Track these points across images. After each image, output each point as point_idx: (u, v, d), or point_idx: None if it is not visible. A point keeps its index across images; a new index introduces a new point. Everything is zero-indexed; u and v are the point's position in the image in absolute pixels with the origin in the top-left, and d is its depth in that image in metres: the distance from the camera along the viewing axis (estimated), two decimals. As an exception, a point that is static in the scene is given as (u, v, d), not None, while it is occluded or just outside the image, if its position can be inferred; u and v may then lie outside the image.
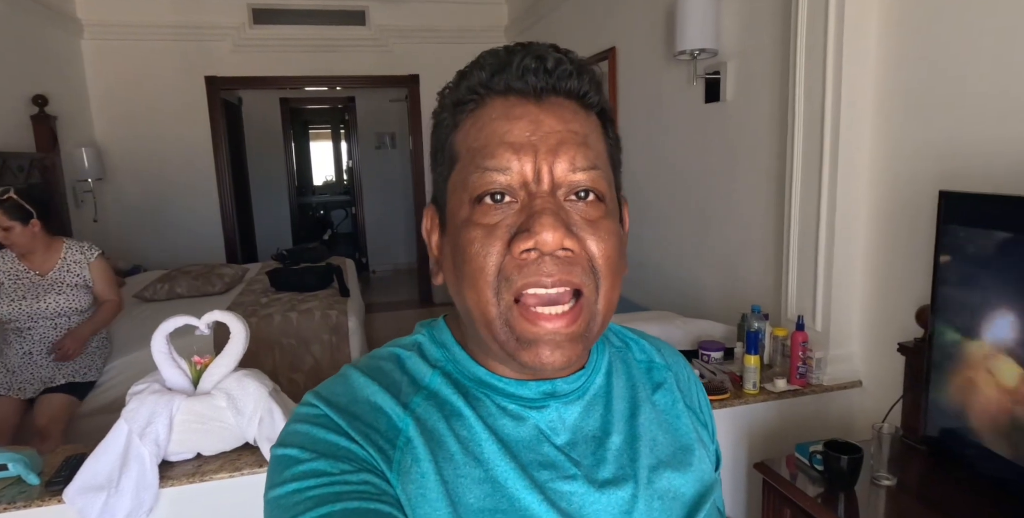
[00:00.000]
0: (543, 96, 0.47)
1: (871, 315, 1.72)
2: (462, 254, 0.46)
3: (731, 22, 2.21)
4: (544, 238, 0.43)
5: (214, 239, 4.79)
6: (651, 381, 0.59)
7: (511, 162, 0.45)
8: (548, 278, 0.44)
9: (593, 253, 0.46)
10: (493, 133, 0.46)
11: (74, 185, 3.96)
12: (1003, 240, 1.21)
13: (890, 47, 1.59)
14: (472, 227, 0.46)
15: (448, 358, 0.53)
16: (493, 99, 0.48)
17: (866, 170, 1.68)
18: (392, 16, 4.80)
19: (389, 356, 0.53)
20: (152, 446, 1.34)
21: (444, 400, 0.50)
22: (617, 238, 0.47)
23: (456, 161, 0.49)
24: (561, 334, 0.45)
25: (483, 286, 0.45)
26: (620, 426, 0.53)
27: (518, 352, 0.45)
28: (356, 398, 0.49)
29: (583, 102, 0.49)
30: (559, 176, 0.45)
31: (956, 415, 1.35)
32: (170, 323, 1.44)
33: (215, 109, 4.60)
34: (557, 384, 0.52)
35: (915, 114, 1.54)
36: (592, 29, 3.41)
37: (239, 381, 1.43)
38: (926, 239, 1.52)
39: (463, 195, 0.47)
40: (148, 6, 4.30)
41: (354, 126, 6.88)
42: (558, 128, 0.46)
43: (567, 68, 0.47)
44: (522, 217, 0.45)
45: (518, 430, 0.50)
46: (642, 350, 0.62)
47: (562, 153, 0.45)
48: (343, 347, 2.55)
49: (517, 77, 0.46)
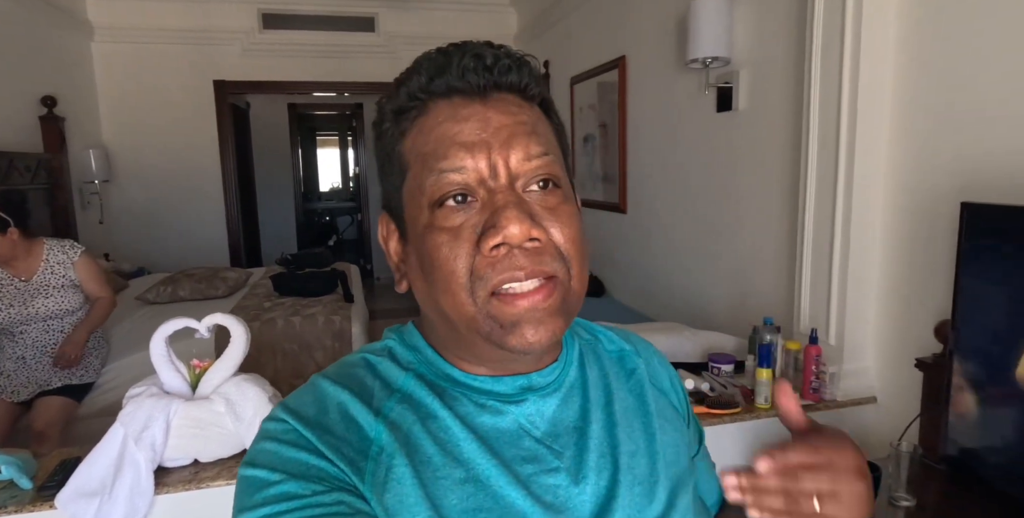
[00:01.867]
0: (487, 93, 0.47)
1: (887, 329, 1.68)
2: (430, 260, 0.46)
3: (744, 30, 2.19)
4: (511, 232, 0.43)
5: (219, 243, 4.77)
6: (623, 369, 0.60)
7: (465, 161, 0.45)
8: (520, 271, 0.44)
9: (559, 240, 0.46)
10: (443, 135, 0.46)
11: (81, 186, 3.96)
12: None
13: (909, 55, 1.56)
14: (436, 232, 0.45)
15: (420, 360, 0.52)
16: (436, 102, 0.47)
17: (883, 180, 1.64)
18: (401, 23, 4.81)
19: (360, 362, 0.53)
20: (148, 451, 1.30)
21: (419, 402, 0.49)
22: (578, 221, 0.48)
23: (408, 169, 0.48)
24: (539, 309, 0.44)
25: (456, 289, 0.45)
26: (598, 414, 0.53)
27: (504, 338, 0.45)
28: (326, 408, 0.48)
29: (525, 94, 0.49)
30: (515, 167, 0.46)
31: (977, 434, 1.31)
32: (170, 325, 1.41)
33: (223, 113, 4.60)
34: (532, 378, 0.51)
35: (935, 124, 1.51)
36: (602, 37, 3.40)
37: (238, 386, 1.40)
38: (945, 251, 1.48)
39: (421, 200, 0.47)
40: (158, 9, 4.32)
41: (361, 132, 6.89)
42: (507, 122, 0.46)
43: (506, 63, 0.47)
44: (485, 215, 0.45)
45: (498, 425, 0.49)
46: (610, 340, 0.62)
47: (515, 145, 0.46)
48: (346, 353, 2.51)
49: (458, 77, 0.46)
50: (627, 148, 3.19)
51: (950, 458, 1.35)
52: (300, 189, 7.32)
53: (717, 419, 1.58)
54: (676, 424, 0.59)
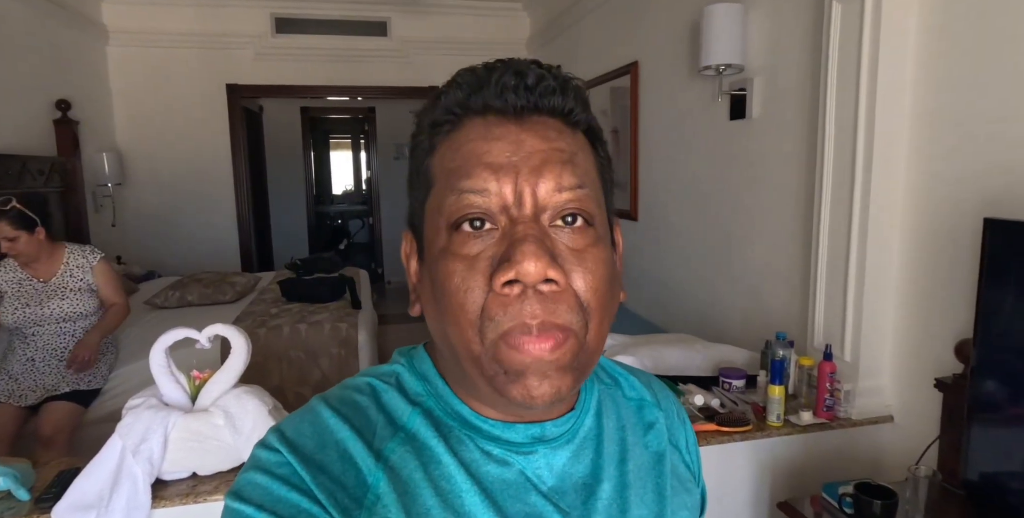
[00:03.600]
0: (524, 115, 0.44)
1: (904, 347, 1.63)
2: (441, 288, 0.42)
3: (758, 37, 2.15)
4: (526, 269, 0.39)
5: (230, 246, 4.79)
6: (642, 421, 0.55)
7: (489, 183, 0.42)
8: (533, 321, 0.40)
9: (579, 287, 0.41)
10: (471, 154, 0.43)
11: (94, 190, 3.98)
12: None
13: (929, 66, 1.51)
14: (451, 258, 0.42)
15: (429, 392, 0.49)
16: (471, 119, 0.44)
17: (901, 193, 1.59)
18: (414, 28, 4.80)
19: (365, 388, 0.49)
20: (146, 464, 1.28)
21: (423, 445, 0.46)
22: (607, 267, 0.43)
23: (432, 185, 0.45)
24: (546, 362, 0.40)
25: (465, 325, 0.41)
26: (611, 472, 0.49)
27: (506, 387, 0.41)
28: (324, 443, 0.44)
29: (568, 120, 0.45)
30: (543, 198, 0.42)
31: (1000, 459, 1.26)
32: (170, 336, 1.40)
33: (235, 117, 4.62)
34: (546, 427, 0.48)
35: (956, 137, 1.46)
36: (615, 43, 3.37)
37: (238, 398, 1.38)
38: (966, 268, 1.43)
39: (439, 221, 0.44)
40: (172, 14, 4.35)
41: (374, 136, 6.90)
42: (541, 147, 0.43)
43: (549, 84, 0.44)
44: (503, 246, 0.41)
45: (504, 476, 0.45)
46: (632, 387, 0.57)
47: (546, 172, 0.42)
48: (352, 361, 2.49)
49: (496, 95, 0.43)
50: (639, 155, 3.15)
51: (971, 483, 1.30)
52: (312, 192, 7.34)
53: (727, 437, 1.54)
54: (688, 486, 0.55)
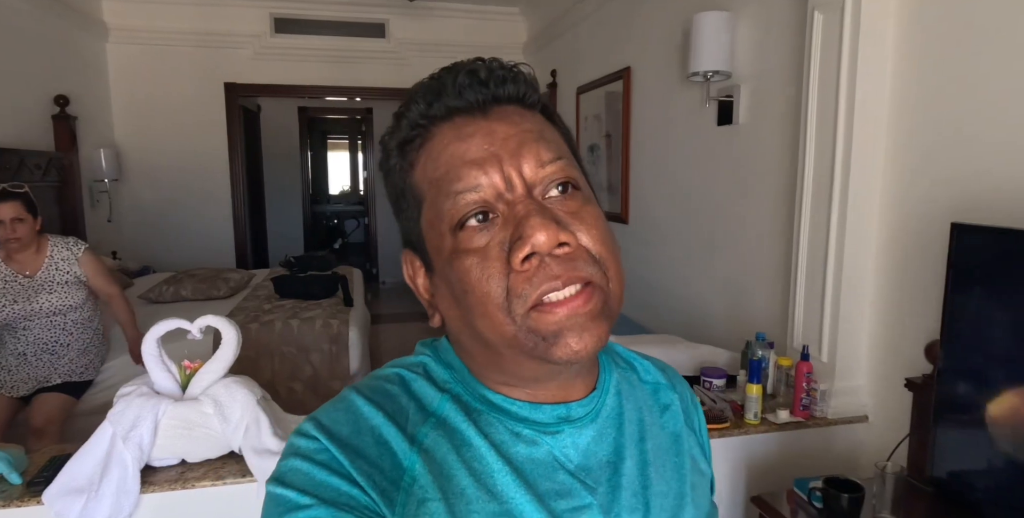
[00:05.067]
0: (487, 107, 0.47)
1: (879, 348, 1.67)
2: (461, 286, 0.44)
3: (745, 45, 2.20)
4: (539, 240, 0.41)
5: (225, 244, 4.82)
6: (658, 403, 0.58)
7: (479, 178, 0.44)
8: (557, 280, 0.42)
9: (588, 243, 0.44)
10: (451, 157, 0.45)
11: (91, 185, 4.01)
12: (1017, 275, 1.17)
13: (906, 74, 1.56)
14: (463, 255, 0.44)
15: (456, 379, 0.50)
16: (439, 127, 0.47)
17: (878, 199, 1.64)
18: (412, 30, 4.85)
19: (394, 377, 0.51)
20: (135, 450, 1.32)
21: (454, 428, 0.47)
22: (603, 221, 0.47)
23: (423, 199, 0.47)
24: (580, 315, 0.43)
25: (493, 310, 0.43)
26: (632, 450, 0.52)
27: (549, 351, 0.43)
28: (360, 429, 0.46)
29: (524, 103, 0.49)
30: (530, 176, 0.45)
31: (965, 456, 1.30)
32: (162, 326, 1.43)
33: (233, 115, 4.65)
34: (571, 407, 0.50)
35: (929, 144, 1.51)
36: (609, 48, 3.42)
37: (227, 388, 1.41)
38: (937, 271, 1.47)
39: (441, 227, 0.45)
40: (172, 12, 4.39)
41: (370, 137, 6.94)
42: (512, 132, 0.46)
43: (500, 74, 0.47)
44: (509, 229, 0.43)
45: (533, 456, 0.48)
46: (647, 371, 0.60)
47: (525, 153, 0.45)
48: (342, 358, 2.53)
49: (455, 96, 0.46)
50: (630, 159, 3.20)
51: (937, 480, 1.34)
52: (308, 192, 7.37)
53: (705, 433, 1.58)
54: (702, 467, 0.58)
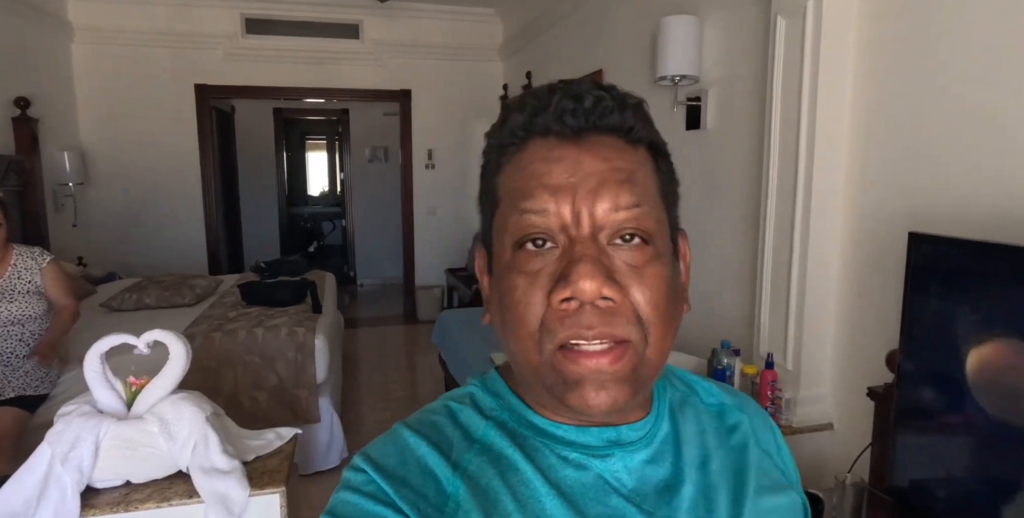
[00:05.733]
0: (583, 135, 0.45)
1: (843, 356, 1.67)
2: (506, 301, 0.45)
3: (713, 49, 2.19)
4: (582, 287, 0.40)
5: (197, 248, 4.73)
6: (724, 425, 0.55)
7: (548, 204, 0.43)
8: (589, 330, 0.41)
9: (638, 301, 0.43)
10: (532, 175, 0.45)
11: (54, 189, 3.90)
12: (972, 285, 1.16)
13: (867, 81, 1.55)
14: (514, 274, 0.44)
15: (502, 406, 0.50)
16: (533, 140, 0.46)
17: (840, 208, 1.63)
18: (386, 31, 4.79)
19: (441, 409, 0.51)
20: (75, 473, 1.27)
21: (499, 454, 0.47)
22: (667, 283, 0.44)
23: (498, 203, 0.48)
24: (605, 373, 0.42)
25: (524, 336, 0.43)
26: (692, 474, 0.49)
27: (565, 395, 0.43)
28: (405, 460, 0.47)
29: (628, 138, 0.46)
30: (600, 218, 0.43)
31: (924, 465, 1.29)
32: (106, 342, 1.38)
33: (204, 117, 4.57)
34: (622, 431, 0.48)
35: (889, 153, 1.50)
36: (582, 51, 3.40)
37: (174, 405, 1.37)
38: (897, 280, 1.46)
39: (505, 238, 0.46)
40: (140, 12, 4.29)
41: (347, 139, 6.87)
42: (599, 168, 0.44)
43: (608, 104, 0.45)
44: (562, 264, 0.42)
45: (581, 480, 0.46)
46: (710, 393, 0.57)
47: (603, 193, 0.43)
48: (308, 366, 2.48)
49: (556, 118, 0.45)
50: (603, 162, 3.17)
51: (898, 489, 1.33)
52: (284, 194, 7.28)
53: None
54: (784, 491, 0.53)
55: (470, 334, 2.94)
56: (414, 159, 5.11)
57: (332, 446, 2.57)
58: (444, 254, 5.29)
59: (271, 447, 1.52)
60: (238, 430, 1.53)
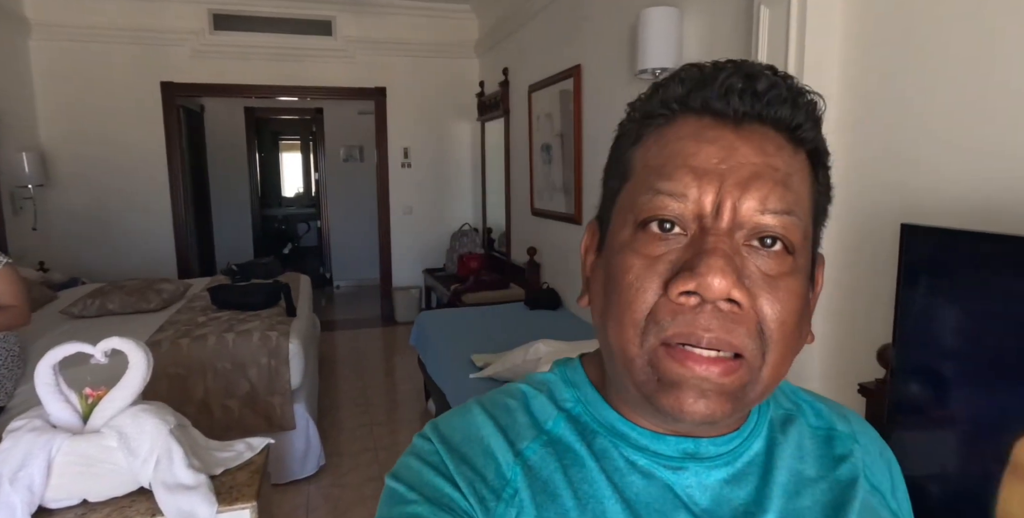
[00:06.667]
0: (744, 122, 0.41)
1: (832, 352, 1.63)
2: (614, 282, 0.41)
3: (694, 41, 2.15)
4: (709, 282, 0.36)
5: (166, 252, 4.58)
6: (831, 453, 0.49)
7: (689, 189, 0.39)
8: (705, 333, 0.37)
9: (765, 314, 0.38)
10: (677, 153, 0.40)
11: (12, 191, 3.74)
12: (968, 277, 1.13)
13: (852, 72, 1.52)
14: (630, 254, 0.40)
15: (578, 398, 0.48)
16: (685, 116, 0.42)
17: (827, 198, 1.60)
18: (360, 27, 4.70)
19: (516, 392, 0.50)
20: (25, 493, 1.17)
21: (566, 447, 0.45)
22: (801, 301, 0.40)
23: (629, 177, 0.44)
24: (711, 382, 0.38)
25: (628, 324, 0.39)
26: (779, 503, 0.44)
27: (657, 394, 0.39)
28: (470, 437, 0.46)
29: (793, 136, 0.42)
30: (743, 215, 0.39)
31: (918, 463, 1.26)
32: (59, 351, 1.29)
33: (171, 116, 4.42)
34: (701, 444, 0.44)
35: (878, 142, 1.47)
36: (559, 45, 3.35)
37: (135, 417, 1.28)
38: (888, 273, 1.43)
39: (628, 216, 0.42)
40: (102, 8, 4.14)
41: (321, 138, 6.74)
42: (755, 160, 0.39)
43: (781, 93, 0.40)
44: (688, 254, 0.38)
45: (648, 489, 0.43)
46: (818, 415, 0.51)
47: (753, 188, 0.39)
48: (283, 371, 2.38)
49: (719, 96, 0.40)
50: (583, 159, 3.13)
51: (892, 488, 1.30)
52: (257, 195, 7.12)
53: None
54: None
55: (449, 335, 2.87)
56: (390, 158, 5.02)
57: (309, 454, 2.48)
58: (421, 254, 5.21)
59: (241, 459, 1.44)
60: (206, 442, 1.44)
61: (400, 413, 3.24)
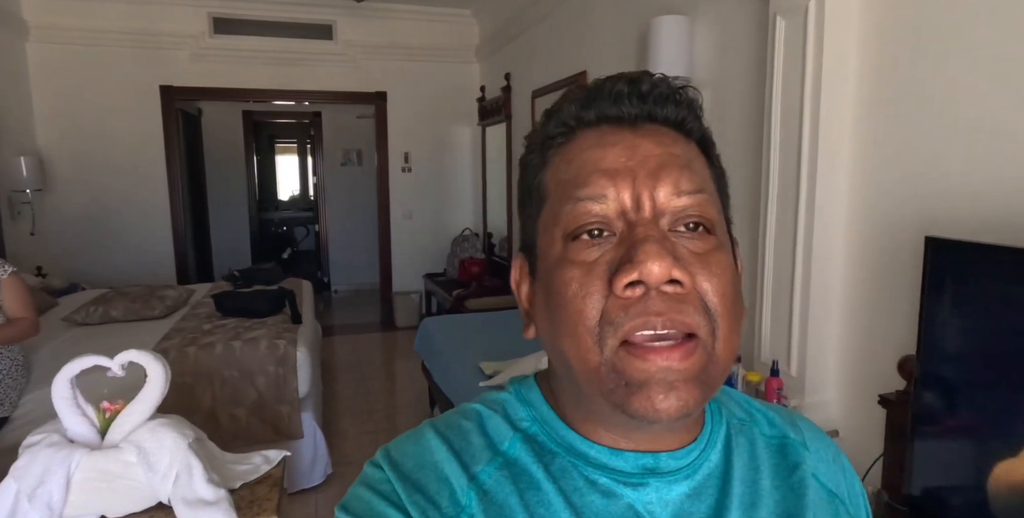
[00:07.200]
0: (638, 123, 0.43)
1: (849, 363, 1.64)
2: (558, 297, 0.41)
3: (704, 50, 2.15)
4: (649, 268, 0.37)
5: (164, 257, 4.54)
6: (785, 462, 0.49)
7: (606, 189, 0.41)
8: (657, 317, 0.38)
9: (705, 289, 0.40)
10: (585, 162, 0.42)
11: (9, 195, 3.70)
12: (993, 290, 1.13)
13: (871, 81, 1.53)
14: (567, 266, 0.41)
15: (534, 417, 0.47)
16: (584, 131, 0.44)
17: (845, 210, 1.60)
18: (360, 31, 4.68)
19: (471, 413, 0.49)
20: (43, 510, 1.16)
21: (522, 470, 0.44)
22: (732, 274, 0.42)
23: (546, 199, 0.45)
24: (674, 371, 0.38)
25: (583, 332, 0.39)
26: (737, 516, 0.44)
27: (628, 399, 0.39)
28: (423, 463, 0.45)
29: (682, 128, 0.45)
30: (662, 202, 0.41)
31: (942, 475, 1.26)
32: (76, 365, 1.27)
33: (170, 120, 4.39)
34: (660, 458, 0.44)
35: (896, 154, 1.47)
36: (564, 52, 3.35)
37: (153, 432, 1.26)
38: (907, 285, 1.44)
39: (555, 232, 0.43)
40: (100, 11, 4.11)
41: (320, 142, 6.71)
42: (657, 151, 0.42)
43: (663, 92, 0.44)
44: (622, 250, 0.39)
45: (608, 509, 0.42)
46: (771, 424, 0.52)
47: (664, 176, 0.41)
48: (290, 379, 2.36)
49: (610, 104, 0.43)
50: (588, 165, 3.13)
51: (913, 499, 1.30)
52: (255, 199, 7.08)
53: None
54: None
55: (456, 342, 2.86)
56: (390, 162, 5.01)
57: (316, 463, 2.46)
58: (422, 259, 5.19)
59: (259, 472, 1.42)
60: (222, 455, 1.43)
61: (404, 420, 3.22)
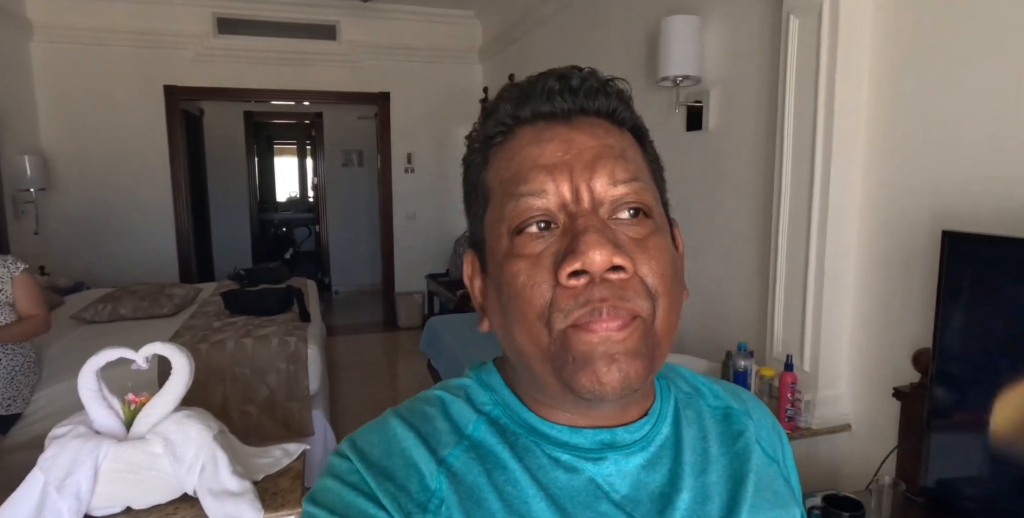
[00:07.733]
0: (572, 117, 0.45)
1: (862, 356, 1.66)
2: (509, 290, 0.43)
3: (715, 50, 2.18)
4: (591, 258, 0.39)
5: (167, 256, 4.54)
6: (729, 430, 0.53)
7: (546, 184, 0.43)
8: (603, 304, 0.40)
9: (645, 272, 0.42)
10: (524, 158, 0.44)
11: (14, 194, 3.70)
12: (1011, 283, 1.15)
13: (885, 79, 1.55)
14: (515, 259, 0.43)
15: (495, 401, 0.49)
16: (522, 128, 0.46)
17: (858, 205, 1.62)
18: (364, 32, 4.70)
19: (433, 399, 0.50)
20: (72, 500, 1.16)
21: (488, 451, 0.46)
22: (670, 256, 0.44)
23: (490, 197, 0.47)
24: (614, 343, 0.40)
25: (532, 319, 0.42)
26: (690, 482, 0.47)
27: (575, 377, 0.41)
28: (390, 451, 0.46)
29: (614, 119, 0.47)
30: (600, 192, 0.43)
31: (958, 466, 1.28)
32: (102, 356, 1.27)
33: (173, 120, 4.39)
34: (617, 433, 0.46)
35: (911, 149, 1.50)
36: (568, 53, 3.37)
37: (179, 424, 1.27)
38: (922, 278, 1.46)
39: (501, 228, 0.45)
40: (105, 10, 4.11)
41: (321, 142, 6.72)
42: (591, 144, 0.44)
43: (592, 85, 0.45)
44: (565, 241, 0.42)
45: (571, 483, 0.44)
46: (716, 396, 0.55)
47: (599, 168, 0.43)
48: (301, 377, 2.37)
49: (543, 101, 0.45)
50: (594, 164, 3.15)
51: (930, 491, 1.32)
52: (256, 200, 7.08)
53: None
54: (784, 502, 0.51)
55: (464, 341, 2.87)
56: (393, 163, 5.02)
57: (326, 460, 2.46)
58: (424, 259, 5.20)
59: (280, 465, 1.43)
60: (244, 448, 1.44)
61: (410, 418, 3.21)
